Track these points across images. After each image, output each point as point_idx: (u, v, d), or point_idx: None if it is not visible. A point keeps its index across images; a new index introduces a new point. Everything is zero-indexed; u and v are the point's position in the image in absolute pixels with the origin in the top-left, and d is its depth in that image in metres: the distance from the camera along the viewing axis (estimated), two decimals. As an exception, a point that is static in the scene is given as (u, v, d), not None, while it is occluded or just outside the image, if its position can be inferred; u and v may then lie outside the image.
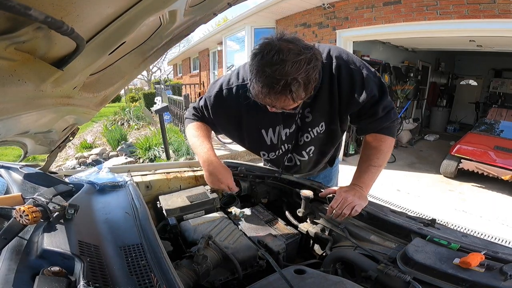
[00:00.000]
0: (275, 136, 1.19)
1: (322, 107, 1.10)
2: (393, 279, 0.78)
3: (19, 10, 0.33)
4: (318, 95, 1.07)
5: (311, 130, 1.17)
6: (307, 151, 1.25)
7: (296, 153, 1.27)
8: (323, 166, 1.50)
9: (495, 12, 3.12)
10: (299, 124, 1.16)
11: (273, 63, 0.80)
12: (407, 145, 6.67)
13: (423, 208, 3.48)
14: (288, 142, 1.21)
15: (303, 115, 1.13)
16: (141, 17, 0.61)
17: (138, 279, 0.62)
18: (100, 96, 0.92)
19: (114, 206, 0.97)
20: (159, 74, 28.11)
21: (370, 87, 1.03)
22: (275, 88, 0.82)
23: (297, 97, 0.87)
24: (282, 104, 0.90)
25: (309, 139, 1.19)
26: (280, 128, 1.17)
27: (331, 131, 1.19)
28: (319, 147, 1.27)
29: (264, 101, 0.90)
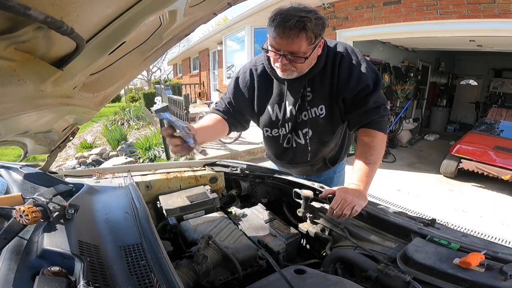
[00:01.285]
0: (281, 112, 1.24)
1: (322, 89, 1.16)
2: (393, 279, 0.78)
3: (19, 10, 0.33)
4: (319, 76, 1.15)
5: (310, 109, 1.20)
6: (303, 132, 1.26)
7: (295, 133, 1.28)
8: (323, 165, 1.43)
9: (495, 12, 3.12)
10: (299, 102, 1.20)
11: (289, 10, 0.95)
12: (407, 145, 6.67)
13: (423, 208, 3.48)
14: (290, 120, 1.24)
15: (304, 94, 1.18)
16: (141, 17, 0.61)
17: (138, 279, 0.62)
18: (100, 96, 0.92)
19: (114, 206, 0.97)
20: (159, 74, 28.11)
21: (365, 78, 1.11)
22: (290, 21, 0.92)
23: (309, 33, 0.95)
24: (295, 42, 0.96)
25: (306, 117, 1.21)
26: (285, 104, 1.22)
27: (330, 117, 1.21)
28: (318, 134, 1.26)
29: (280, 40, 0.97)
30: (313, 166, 1.43)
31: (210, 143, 5.62)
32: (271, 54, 1.06)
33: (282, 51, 1.01)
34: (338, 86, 1.13)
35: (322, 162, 1.42)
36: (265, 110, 1.27)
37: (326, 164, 1.43)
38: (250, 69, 1.25)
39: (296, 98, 1.19)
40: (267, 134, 1.33)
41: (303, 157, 1.34)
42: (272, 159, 1.54)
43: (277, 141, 1.33)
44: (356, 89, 1.11)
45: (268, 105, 1.25)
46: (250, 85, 1.25)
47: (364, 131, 1.15)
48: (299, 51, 0.99)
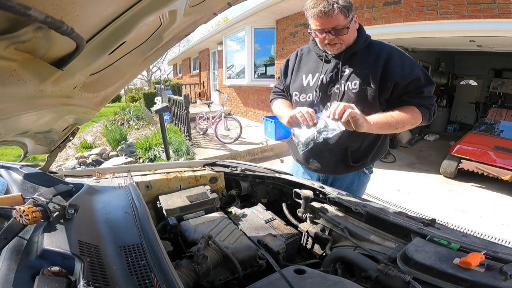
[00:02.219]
0: (313, 79, 1.34)
1: (362, 67, 1.25)
2: (393, 279, 0.78)
3: (19, 10, 0.33)
4: (360, 56, 1.26)
5: (343, 83, 1.27)
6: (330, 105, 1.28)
7: (322, 104, 1.32)
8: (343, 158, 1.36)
9: (495, 12, 3.12)
10: (333, 77, 1.29)
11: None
12: (407, 145, 6.67)
13: (423, 208, 3.48)
14: (320, 89, 1.31)
15: (341, 70, 1.27)
16: (141, 17, 0.61)
17: (138, 279, 0.62)
18: (100, 96, 0.92)
19: (114, 206, 0.97)
20: (159, 74, 28.12)
21: (417, 70, 1.22)
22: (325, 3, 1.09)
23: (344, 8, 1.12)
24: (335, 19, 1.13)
25: (339, 90, 1.27)
26: (319, 75, 1.32)
27: (362, 95, 1.24)
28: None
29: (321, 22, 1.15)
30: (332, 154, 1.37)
31: (210, 143, 5.62)
32: (318, 35, 1.20)
33: (325, 29, 1.16)
34: (389, 70, 1.21)
35: (342, 153, 1.35)
36: (299, 77, 1.39)
37: (347, 157, 1.35)
38: (297, 50, 1.46)
39: (333, 70, 1.29)
40: (295, 98, 1.39)
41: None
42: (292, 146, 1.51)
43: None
44: (410, 77, 1.20)
45: (303, 74, 1.38)
46: (293, 60, 1.44)
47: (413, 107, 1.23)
48: (339, 24, 1.15)
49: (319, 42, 1.25)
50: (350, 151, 1.35)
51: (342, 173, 1.43)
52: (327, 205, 1.23)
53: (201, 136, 6.17)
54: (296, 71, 1.41)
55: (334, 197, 1.18)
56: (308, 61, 1.38)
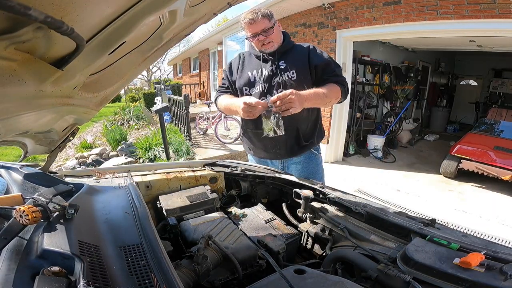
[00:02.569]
0: (258, 74, 1.62)
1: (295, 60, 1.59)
2: (393, 279, 0.78)
3: (19, 10, 0.33)
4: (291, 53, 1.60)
5: (283, 74, 1.58)
6: (277, 92, 1.49)
7: (270, 94, 1.56)
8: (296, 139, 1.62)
9: (495, 12, 3.12)
10: (274, 71, 1.58)
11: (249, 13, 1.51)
12: (407, 145, 6.67)
13: (423, 208, 3.48)
14: (266, 82, 1.60)
15: (278, 65, 1.58)
16: (141, 17, 0.61)
17: (138, 279, 0.62)
18: (100, 96, 0.92)
19: (114, 206, 0.97)
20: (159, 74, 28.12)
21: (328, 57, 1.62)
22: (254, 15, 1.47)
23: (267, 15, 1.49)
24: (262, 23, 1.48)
25: (281, 80, 1.57)
26: (262, 70, 1.61)
27: (300, 80, 1.55)
28: None
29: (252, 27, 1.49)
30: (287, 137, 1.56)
31: (210, 143, 5.62)
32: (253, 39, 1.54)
33: (257, 32, 1.50)
34: (310, 59, 1.57)
35: (295, 135, 1.62)
36: (245, 74, 1.66)
37: (299, 137, 1.63)
38: (239, 54, 1.75)
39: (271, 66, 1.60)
40: (245, 93, 1.64)
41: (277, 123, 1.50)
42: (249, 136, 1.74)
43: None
44: (326, 61, 1.58)
45: (248, 71, 1.65)
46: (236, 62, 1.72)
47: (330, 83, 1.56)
48: (266, 26, 1.49)
49: (256, 45, 1.58)
50: (301, 132, 1.62)
51: (297, 154, 1.69)
52: (327, 205, 1.23)
53: (201, 136, 6.17)
54: (241, 70, 1.68)
55: (334, 197, 1.18)
56: (250, 62, 1.67)
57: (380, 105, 6.39)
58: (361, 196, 1.54)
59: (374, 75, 6.07)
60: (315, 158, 1.75)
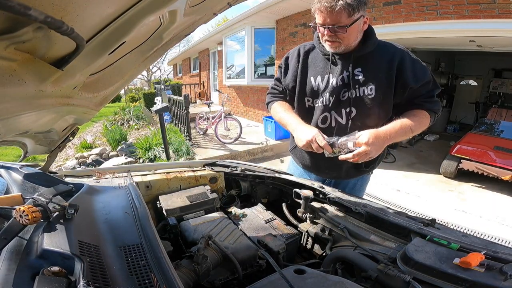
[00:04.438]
0: (323, 82, 1.28)
1: (375, 71, 1.22)
2: (393, 279, 0.78)
3: (19, 10, 0.33)
4: (373, 59, 1.23)
5: (358, 88, 1.23)
6: (347, 111, 1.26)
7: (335, 111, 1.28)
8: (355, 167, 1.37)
9: (495, 12, 3.12)
10: (345, 80, 1.24)
11: None
12: (407, 145, 6.66)
13: (423, 208, 3.48)
14: (331, 94, 1.26)
15: (353, 74, 1.23)
16: (141, 17, 0.61)
17: (138, 279, 0.62)
18: (100, 96, 0.92)
19: (114, 206, 0.97)
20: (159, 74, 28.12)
21: (427, 73, 1.23)
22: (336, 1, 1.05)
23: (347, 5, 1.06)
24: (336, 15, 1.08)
25: (353, 96, 1.24)
26: (329, 77, 1.28)
27: (379, 100, 1.22)
28: (362, 116, 1.25)
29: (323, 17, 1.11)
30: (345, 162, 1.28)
31: (210, 143, 5.62)
32: (318, 29, 1.17)
33: (326, 24, 1.12)
34: (399, 75, 1.21)
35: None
36: (306, 81, 1.32)
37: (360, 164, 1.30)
38: (299, 48, 1.36)
39: (342, 73, 1.25)
40: (308, 104, 1.34)
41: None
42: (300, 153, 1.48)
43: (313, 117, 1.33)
44: (423, 81, 1.21)
45: (311, 76, 1.31)
46: (296, 60, 1.35)
47: (423, 111, 1.25)
48: (340, 22, 1.10)
49: (320, 36, 1.21)
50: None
51: (352, 178, 1.44)
52: (327, 205, 1.23)
53: (201, 136, 6.17)
54: (302, 72, 1.32)
55: (334, 197, 1.18)
56: (314, 61, 1.31)
57: (380, 105, 6.38)
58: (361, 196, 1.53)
59: (374, 75, 6.06)
60: (366, 178, 1.51)
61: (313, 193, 1.22)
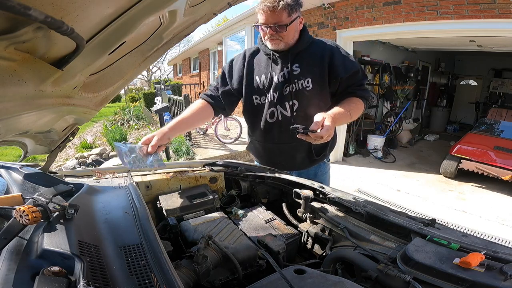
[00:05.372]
0: (267, 80, 1.39)
1: (311, 65, 1.34)
2: (393, 279, 0.78)
3: (19, 10, 0.33)
4: (307, 55, 1.35)
5: (297, 81, 1.35)
6: (290, 104, 1.37)
7: (280, 105, 1.39)
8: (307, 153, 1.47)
9: (495, 12, 3.12)
10: (286, 77, 1.36)
11: None
12: (407, 145, 6.67)
13: (423, 208, 3.48)
14: (275, 90, 1.38)
15: (292, 69, 1.34)
16: (141, 17, 0.61)
17: (138, 279, 0.62)
18: (100, 96, 0.92)
19: (114, 206, 0.96)
20: (159, 74, 28.12)
21: (356, 64, 1.35)
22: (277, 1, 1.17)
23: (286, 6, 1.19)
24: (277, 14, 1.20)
25: (294, 89, 1.35)
26: (272, 74, 1.38)
27: (316, 91, 1.35)
28: (304, 107, 1.36)
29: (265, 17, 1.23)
30: (297, 151, 1.46)
31: (210, 143, 5.62)
32: (261, 30, 1.29)
33: (268, 24, 1.24)
34: (331, 67, 1.32)
35: (306, 149, 1.46)
36: (253, 81, 1.43)
37: (311, 152, 1.47)
38: (245, 52, 1.48)
39: (282, 70, 1.36)
40: (256, 102, 1.44)
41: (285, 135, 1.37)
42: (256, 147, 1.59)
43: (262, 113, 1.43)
44: (351, 71, 1.32)
45: (256, 75, 1.42)
46: (241, 62, 1.45)
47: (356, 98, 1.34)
48: (281, 21, 1.22)
49: (262, 35, 1.33)
50: (313, 146, 1.46)
51: (307, 167, 1.56)
52: (327, 205, 1.23)
53: (201, 136, 6.17)
54: (248, 73, 1.43)
55: (334, 197, 1.18)
56: (258, 62, 1.42)
57: (380, 105, 6.39)
58: (361, 196, 1.53)
59: (374, 75, 6.07)
60: (323, 166, 1.61)
61: (313, 193, 1.22)
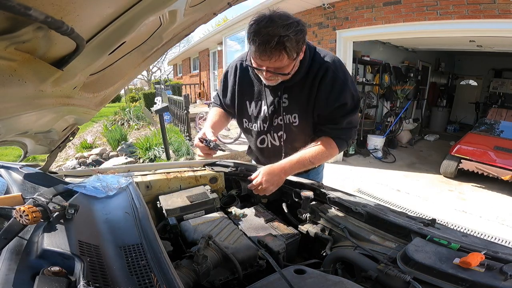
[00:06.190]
0: (256, 109, 1.33)
1: (299, 99, 1.21)
2: (393, 279, 0.78)
3: (19, 10, 0.33)
4: (299, 85, 1.20)
5: (285, 115, 1.26)
6: (279, 135, 1.33)
7: (270, 134, 1.35)
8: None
9: (495, 12, 3.12)
10: (276, 106, 1.26)
11: (267, 25, 0.95)
12: (407, 145, 6.67)
13: (423, 208, 3.48)
14: (264, 121, 1.32)
15: (281, 100, 1.24)
16: (141, 17, 0.61)
17: (138, 279, 0.62)
18: (100, 96, 0.92)
19: (114, 206, 0.96)
20: (159, 74, 28.13)
21: (345, 96, 1.15)
22: (271, 44, 0.95)
23: (290, 52, 0.99)
24: (277, 61, 1.01)
25: (282, 122, 1.28)
26: (261, 104, 1.30)
27: (302, 127, 1.27)
28: (291, 140, 1.32)
29: (260, 60, 1.02)
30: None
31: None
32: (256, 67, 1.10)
33: (265, 67, 1.06)
34: (316, 101, 1.18)
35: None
36: (244, 104, 1.36)
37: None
38: (236, 64, 1.35)
39: (273, 101, 1.26)
40: (245, 125, 1.40)
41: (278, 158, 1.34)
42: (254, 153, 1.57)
43: (253, 137, 1.41)
44: (334, 106, 1.16)
45: (247, 100, 1.35)
46: (233, 81, 1.36)
47: (329, 140, 1.22)
48: (281, 67, 1.05)
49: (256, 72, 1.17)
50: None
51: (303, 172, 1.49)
52: (327, 205, 1.23)
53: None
54: (239, 95, 1.34)
55: (334, 197, 1.18)
56: (249, 84, 1.30)
57: (380, 105, 6.40)
58: (361, 196, 1.53)
59: (374, 75, 6.07)
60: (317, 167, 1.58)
61: (313, 193, 1.22)
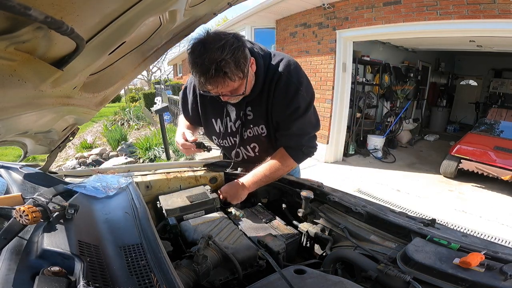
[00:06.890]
0: (223, 126, 1.31)
1: (260, 109, 1.20)
2: (393, 279, 0.78)
3: (19, 10, 0.33)
4: (258, 96, 1.17)
5: (252, 127, 1.26)
6: (251, 147, 1.33)
7: (243, 147, 1.34)
8: None
9: (495, 12, 3.12)
10: (242, 120, 1.25)
11: (201, 53, 0.92)
12: (407, 145, 6.67)
13: (423, 208, 3.48)
14: (234, 136, 1.30)
15: (246, 113, 1.23)
16: (141, 17, 0.61)
17: (138, 279, 0.62)
18: (100, 96, 0.92)
19: (114, 206, 0.96)
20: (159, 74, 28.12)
21: (297, 101, 1.12)
22: (210, 72, 0.92)
23: (233, 76, 0.96)
24: (224, 87, 0.99)
25: (251, 134, 1.27)
26: (226, 120, 1.28)
27: (271, 135, 1.26)
28: (264, 150, 1.33)
29: (208, 89, 1.01)
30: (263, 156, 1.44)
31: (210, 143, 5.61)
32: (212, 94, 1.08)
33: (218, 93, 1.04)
34: (273, 107, 1.17)
35: None
36: (210, 122, 1.35)
37: None
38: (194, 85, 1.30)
39: (237, 117, 1.25)
40: (216, 142, 1.40)
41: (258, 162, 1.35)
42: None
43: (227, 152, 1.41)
44: (288, 111, 1.14)
45: (212, 118, 1.33)
46: (192, 97, 1.32)
47: (283, 151, 1.23)
48: (234, 87, 1.03)
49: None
50: None
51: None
52: (327, 205, 1.23)
53: (201, 136, 6.17)
54: (203, 113, 1.32)
55: (334, 197, 1.18)
56: (212, 102, 1.27)
57: (380, 105, 6.40)
58: (361, 196, 1.53)
59: (374, 75, 6.07)
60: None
61: (313, 193, 1.22)
